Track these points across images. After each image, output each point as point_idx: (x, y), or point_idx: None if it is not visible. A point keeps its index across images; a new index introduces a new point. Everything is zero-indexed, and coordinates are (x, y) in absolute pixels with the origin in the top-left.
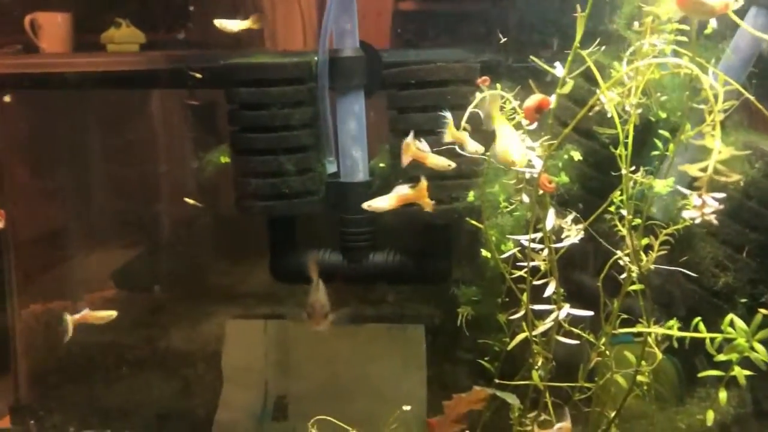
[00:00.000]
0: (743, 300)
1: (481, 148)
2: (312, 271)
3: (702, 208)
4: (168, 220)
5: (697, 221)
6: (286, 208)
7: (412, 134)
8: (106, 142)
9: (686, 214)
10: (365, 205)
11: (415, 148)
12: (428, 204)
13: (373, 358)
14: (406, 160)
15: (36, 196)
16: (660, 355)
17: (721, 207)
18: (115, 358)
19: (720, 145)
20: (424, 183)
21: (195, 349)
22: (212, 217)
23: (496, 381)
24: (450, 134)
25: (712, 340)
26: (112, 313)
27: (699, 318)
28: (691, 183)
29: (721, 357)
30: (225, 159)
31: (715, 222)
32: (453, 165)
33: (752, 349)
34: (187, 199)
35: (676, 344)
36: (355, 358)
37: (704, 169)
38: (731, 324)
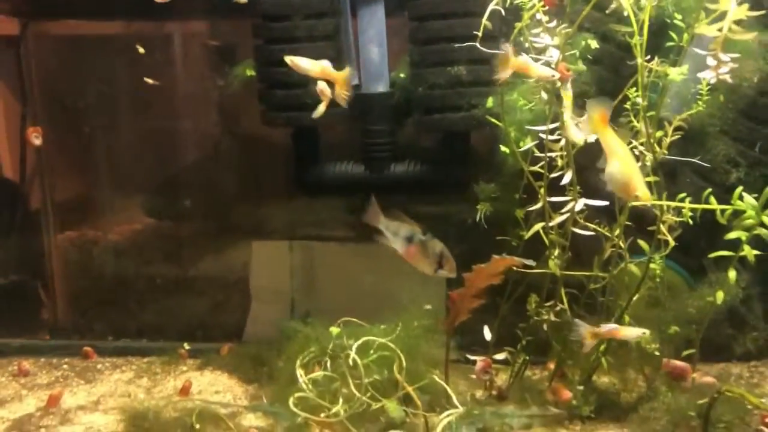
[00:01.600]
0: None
1: (549, 72)
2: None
3: (717, 67)
4: (193, 146)
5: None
6: (309, 118)
7: (510, 47)
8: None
9: (702, 74)
10: (288, 59)
11: (515, 60)
12: (342, 88)
13: (394, 273)
14: (505, 73)
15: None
16: (672, 242)
17: (735, 66)
18: (147, 282)
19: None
20: (346, 72)
21: (224, 271)
22: (238, 141)
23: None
24: (512, 64)
25: (722, 212)
26: None
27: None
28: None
29: (732, 234)
30: (250, 72)
31: (729, 80)
32: (557, 75)
33: (762, 225)
34: None
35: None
36: (378, 274)
37: (720, 29)
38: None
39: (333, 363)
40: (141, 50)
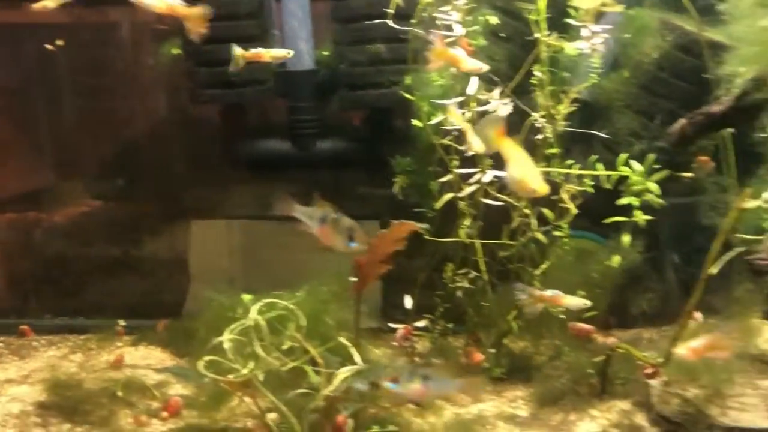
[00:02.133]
0: (657, 166)
1: (478, 65)
2: None
3: (590, 38)
4: (132, 127)
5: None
6: (235, 96)
7: (439, 37)
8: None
9: (576, 44)
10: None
11: (446, 51)
12: (196, 25)
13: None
14: (435, 64)
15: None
16: (574, 210)
17: (607, 36)
18: (89, 262)
19: None
20: (198, 9)
21: (165, 251)
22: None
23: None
24: (442, 56)
25: (608, 178)
26: None
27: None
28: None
29: (623, 201)
30: (176, 50)
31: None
32: (486, 68)
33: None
34: None
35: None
36: (317, 251)
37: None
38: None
39: (247, 329)
40: (60, 42)
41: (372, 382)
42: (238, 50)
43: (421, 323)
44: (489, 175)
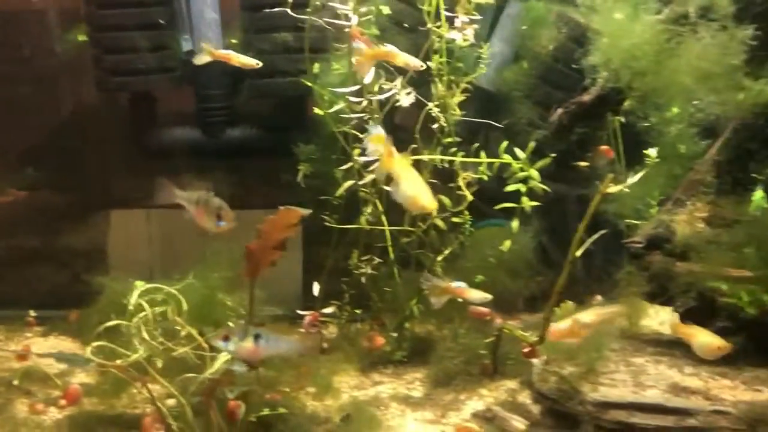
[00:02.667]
0: (553, 154)
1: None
2: None
3: (462, 29)
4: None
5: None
6: (142, 83)
7: (365, 40)
8: None
9: (450, 35)
10: None
11: (379, 50)
12: None
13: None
14: (367, 66)
15: None
16: (470, 197)
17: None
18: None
19: None
20: None
21: (84, 241)
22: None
23: (327, 224)
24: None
25: (490, 165)
26: None
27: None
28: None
29: (509, 188)
30: (82, 36)
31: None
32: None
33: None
34: None
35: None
36: (236, 240)
37: None
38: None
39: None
40: None
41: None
42: (206, 46)
43: (329, 309)
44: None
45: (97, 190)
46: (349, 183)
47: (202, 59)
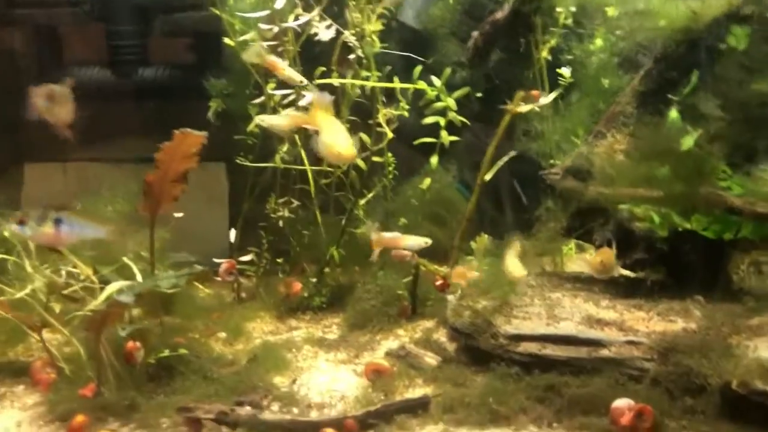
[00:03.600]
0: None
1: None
2: None
3: None
4: None
5: None
6: (47, 16)
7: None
8: None
9: None
10: None
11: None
12: None
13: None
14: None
15: None
16: (391, 134)
17: None
18: None
19: None
20: None
21: None
22: None
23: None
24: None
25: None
26: None
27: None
28: None
29: (427, 120)
30: None
31: None
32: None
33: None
34: None
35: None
36: None
37: None
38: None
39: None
40: None
41: None
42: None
43: (246, 257)
44: (307, 98)
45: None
46: (259, 118)
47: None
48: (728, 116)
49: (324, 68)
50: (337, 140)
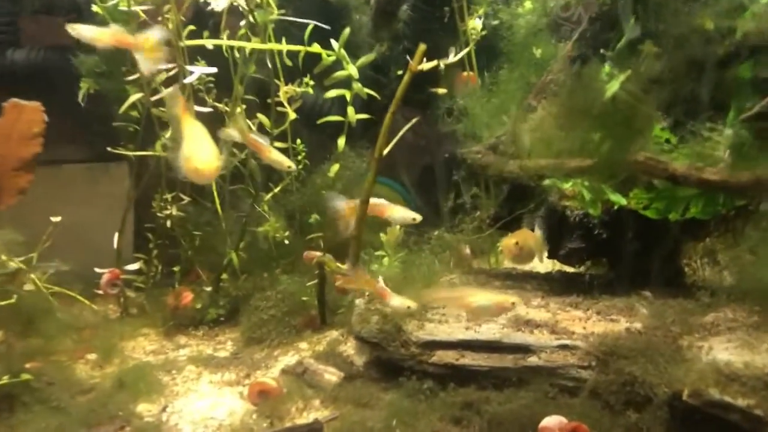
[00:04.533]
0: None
1: None
2: None
3: None
4: None
5: None
6: None
7: None
8: None
9: None
10: None
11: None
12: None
13: (74, 199)
14: None
15: None
16: (293, 114)
17: None
18: None
19: None
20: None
21: None
22: None
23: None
24: None
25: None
26: None
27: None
28: None
29: (329, 94)
30: None
31: None
32: None
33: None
34: None
35: None
36: (57, 201)
37: None
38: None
39: None
40: None
41: None
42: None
43: (133, 266)
44: (193, 76)
45: None
46: (136, 96)
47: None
48: (666, 57)
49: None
50: (196, 152)
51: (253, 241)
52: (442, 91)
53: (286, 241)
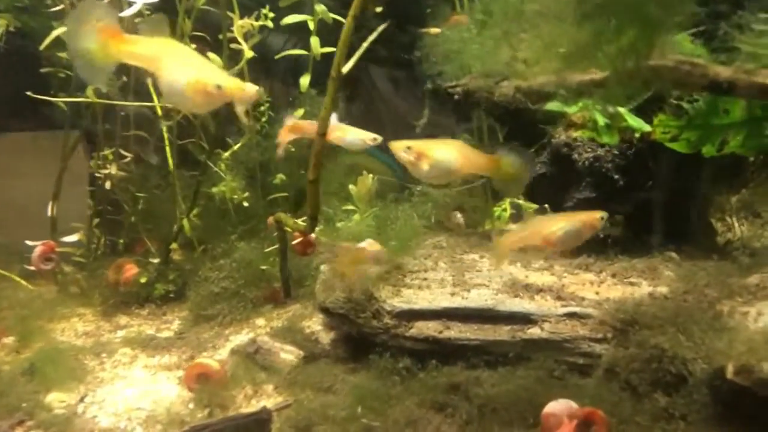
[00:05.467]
0: None
1: None
2: None
3: None
4: None
5: None
6: None
7: None
8: None
9: None
10: None
11: None
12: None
13: (19, 170)
14: None
15: None
16: (249, 52)
17: None
18: None
19: None
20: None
21: None
22: None
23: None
24: None
25: None
26: None
27: None
28: None
29: (288, 20)
30: None
31: None
32: None
33: None
34: None
35: None
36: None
37: None
38: None
39: None
40: None
41: None
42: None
43: (72, 237)
44: (131, 9)
45: None
46: (60, 31)
47: None
48: None
49: None
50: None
51: (209, 205)
52: (435, 30)
53: (246, 204)
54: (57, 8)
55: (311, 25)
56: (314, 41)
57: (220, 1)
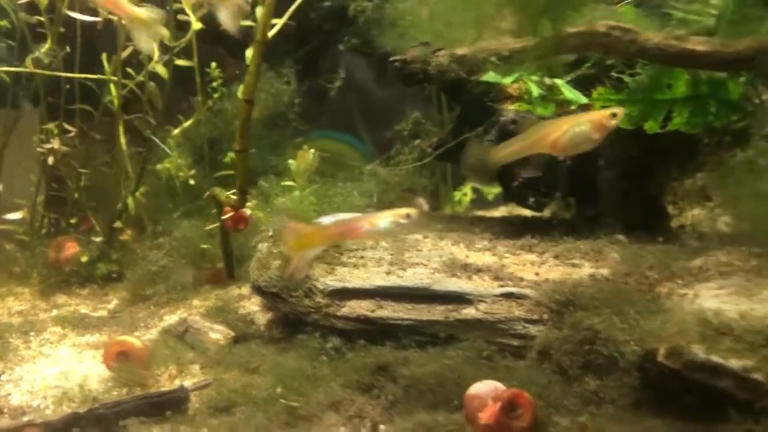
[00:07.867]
0: None
1: None
2: None
3: None
4: None
5: None
6: None
7: None
8: None
9: None
10: None
11: None
12: None
13: None
14: None
15: None
16: (198, 23)
17: None
18: None
19: None
20: None
21: None
22: None
23: None
24: None
25: None
26: None
27: None
28: None
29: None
30: None
31: None
32: None
33: None
34: None
35: None
36: None
37: None
38: None
39: None
40: None
41: None
42: None
43: (15, 215)
44: None
45: None
46: None
47: None
48: None
49: None
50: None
51: (156, 183)
52: None
53: (192, 182)
54: None
55: None
56: (260, 12)
57: None
